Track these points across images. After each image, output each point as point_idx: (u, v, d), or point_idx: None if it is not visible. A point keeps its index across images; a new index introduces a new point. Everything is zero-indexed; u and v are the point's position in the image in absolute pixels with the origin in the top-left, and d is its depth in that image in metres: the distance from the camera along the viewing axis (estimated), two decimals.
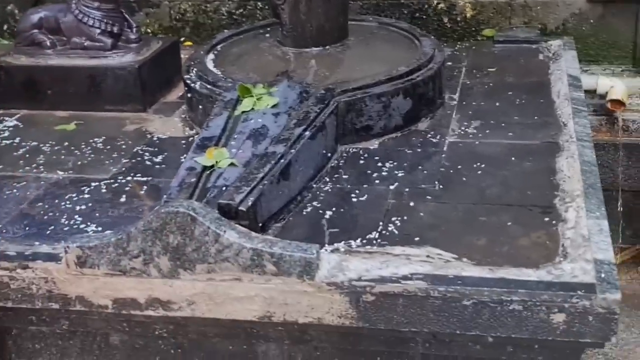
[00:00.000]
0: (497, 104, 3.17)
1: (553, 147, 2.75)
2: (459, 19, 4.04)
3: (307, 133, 2.60)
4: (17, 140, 3.13)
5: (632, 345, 3.32)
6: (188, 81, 3.12)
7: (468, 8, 4.01)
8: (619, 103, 3.76)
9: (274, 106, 2.74)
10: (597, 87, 3.82)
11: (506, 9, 3.98)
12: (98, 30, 3.36)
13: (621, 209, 3.93)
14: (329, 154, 2.75)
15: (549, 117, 2.98)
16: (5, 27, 4.58)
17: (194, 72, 3.16)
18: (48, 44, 3.43)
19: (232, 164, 2.44)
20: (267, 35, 3.47)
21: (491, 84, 3.38)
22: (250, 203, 2.24)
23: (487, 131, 2.92)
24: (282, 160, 2.45)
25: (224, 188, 2.33)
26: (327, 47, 3.22)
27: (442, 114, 3.09)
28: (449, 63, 3.64)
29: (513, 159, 2.70)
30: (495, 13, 4.00)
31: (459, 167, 2.67)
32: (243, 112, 2.74)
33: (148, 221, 2.12)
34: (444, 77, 3.19)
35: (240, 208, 2.22)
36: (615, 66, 3.98)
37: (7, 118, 3.35)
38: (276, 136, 2.58)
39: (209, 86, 3.02)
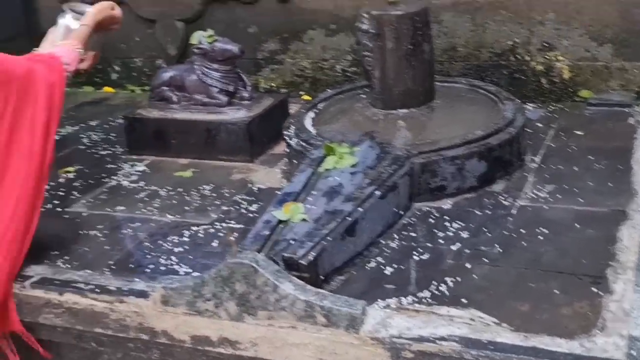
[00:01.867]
0: (576, 168, 3.08)
1: (619, 215, 2.66)
2: (556, 80, 3.95)
3: (378, 192, 2.67)
4: (141, 184, 3.41)
5: None
6: (286, 137, 3.27)
7: (565, 70, 3.91)
8: None
9: (353, 165, 2.83)
10: None
11: (603, 71, 3.85)
12: (216, 89, 3.59)
13: None
14: (401, 212, 2.80)
15: (623, 184, 2.88)
16: None
17: (292, 129, 3.31)
18: (175, 99, 3.69)
19: (303, 220, 2.55)
20: (364, 95, 3.56)
21: (575, 147, 3.29)
22: (311, 258, 2.34)
23: (559, 196, 2.87)
24: (348, 218, 2.53)
25: (292, 242, 2.44)
26: (413, 109, 3.26)
27: (519, 176, 3.05)
28: (539, 124, 3.59)
29: (577, 225, 2.64)
30: (592, 75, 3.87)
31: (522, 231, 2.64)
32: (326, 169, 2.85)
33: (219, 269, 2.28)
34: (523, 140, 3.15)
35: (301, 262, 2.33)
36: None
37: (138, 163, 3.65)
38: (349, 194, 2.67)
39: (302, 143, 3.14)
